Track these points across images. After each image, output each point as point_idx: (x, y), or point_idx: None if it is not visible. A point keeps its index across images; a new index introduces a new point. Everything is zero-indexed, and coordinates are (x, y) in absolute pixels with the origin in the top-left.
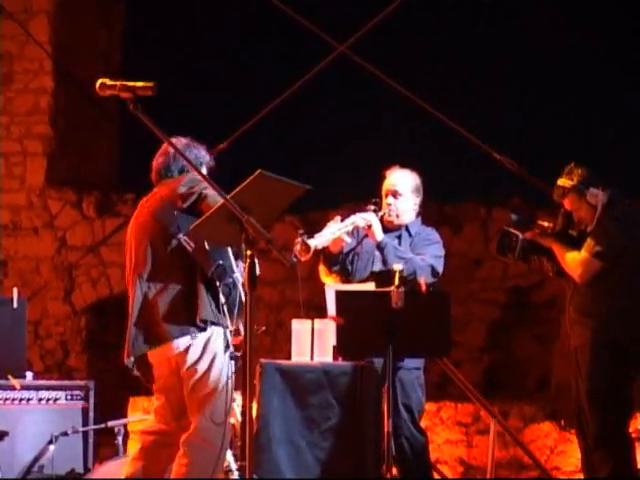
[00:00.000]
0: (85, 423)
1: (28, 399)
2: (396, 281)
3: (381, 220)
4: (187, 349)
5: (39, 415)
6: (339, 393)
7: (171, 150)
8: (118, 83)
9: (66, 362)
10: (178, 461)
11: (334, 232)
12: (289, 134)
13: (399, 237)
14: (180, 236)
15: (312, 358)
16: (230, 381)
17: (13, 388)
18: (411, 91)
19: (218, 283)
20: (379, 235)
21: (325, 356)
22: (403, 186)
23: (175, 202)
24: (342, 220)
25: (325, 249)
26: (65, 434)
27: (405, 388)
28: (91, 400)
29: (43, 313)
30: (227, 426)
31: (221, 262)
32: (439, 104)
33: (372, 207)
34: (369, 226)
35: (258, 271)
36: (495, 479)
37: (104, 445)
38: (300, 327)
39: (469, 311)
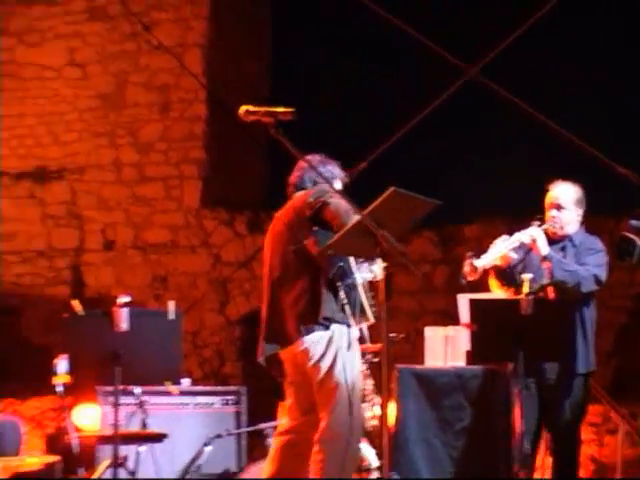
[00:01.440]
0: (238, 426)
1: (185, 404)
2: (525, 289)
3: (545, 232)
4: (311, 346)
5: (196, 419)
6: (471, 395)
7: (305, 165)
8: (261, 109)
9: (222, 370)
10: (314, 458)
11: (500, 250)
12: (423, 153)
13: (563, 248)
14: (306, 242)
15: (445, 363)
16: (357, 377)
17: (170, 394)
18: (538, 110)
19: (339, 284)
20: (544, 249)
21: (457, 361)
22: (566, 199)
23: (304, 211)
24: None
25: (495, 265)
26: (219, 436)
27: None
28: (243, 405)
29: (200, 324)
30: (356, 421)
31: (341, 264)
32: (566, 122)
33: (537, 222)
34: (534, 241)
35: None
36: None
37: (255, 447)
38: (433, 334)
39: (599, 317)
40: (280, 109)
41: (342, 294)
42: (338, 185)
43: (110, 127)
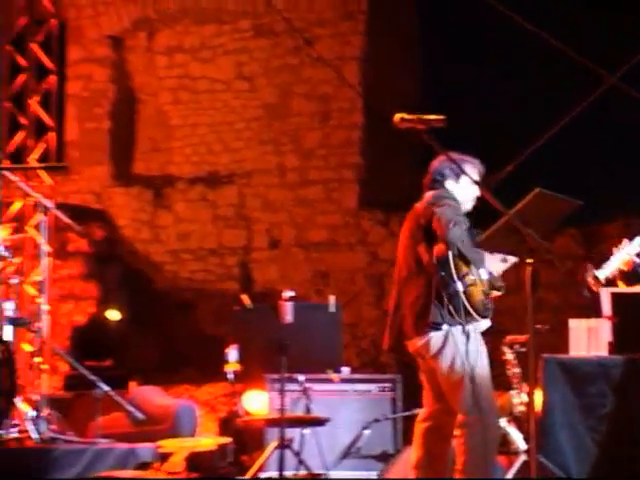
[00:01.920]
0: (394, 411)
1: (345, 390)
2: None
3: None
4: (429, 341)
5: (355, 404)
6: (613, 383)
7: (444, 158)
8: (414, 117)
9: (379, 359)
10: (457, 441)
11: (622, 257)
12: (566, 156)
13: None
14: (418, 249)
15: (588, 352)
16: (481, 367)
17: (332, 381)
18: None
19: (443, 292)
20: None
21: (600, 351)
22: None
23: (419, 219)
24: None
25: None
26: (377, 421)
27: None
28: (398, 391)
29: (358, 317)
30: (485, 403)
31: (442, 274)
32: None
33: None
34: None
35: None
36: None
37: (410, 430)
38: (576, 326)
39: None
40: (432, 116)
41: (446, 301)
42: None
43: (275, 135)
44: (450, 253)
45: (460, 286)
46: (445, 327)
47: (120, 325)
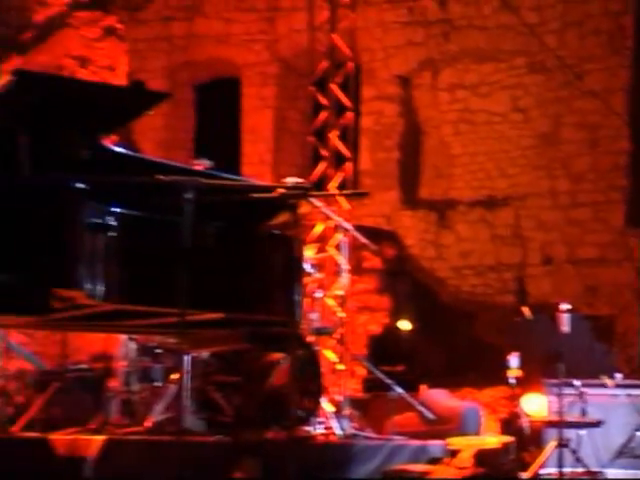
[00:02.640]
0: None
1: (618, 395)
2: None
3: None
4: None
5: (626, 408)
6: None
7: None
8: None
9: None
10: None
11: None
12: None
13: None
14: None
15: None
16: None
17: (605, 386)
18: None
19: None
20: None
21: None
22: None
23: None
24: None
25: None
26: None
27: None
28: None
29: (627, 327)
30: None
31: None
32: None
33: None
34: None
35: None
36: None
37: None
38: None
39: None
40: None
41: None
42: None
43: (547, 161)
44: None
45: None
46: None
47: (410, 334)
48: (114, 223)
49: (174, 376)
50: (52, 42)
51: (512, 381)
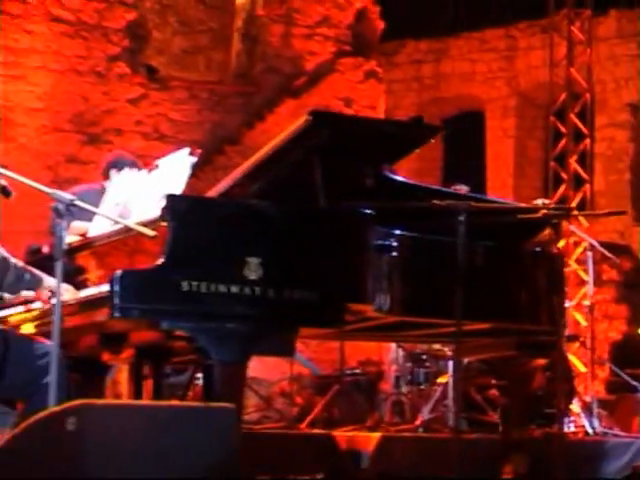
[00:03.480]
0: None
1: None
2: None
3: None
4: None
5: None
6: None
7: None
8: None
9: None
10: None
11: None
12: None
13: None
14: None
15: None
16: None
17: None
18: None
19: None
20: None
21: None
22: None
23: None
24: None
25: None
26: None
27: None
28: None
29: None
30: None
31: None
32: None
33: None
34: None
35: None
36: None
37: None
38: None
39: None
40: None
41: None
42: None
43: None
44: None
45: None
46: None
47: None
48: (395, 244)
49: (441, 379)
50: (322, 86)
51: None
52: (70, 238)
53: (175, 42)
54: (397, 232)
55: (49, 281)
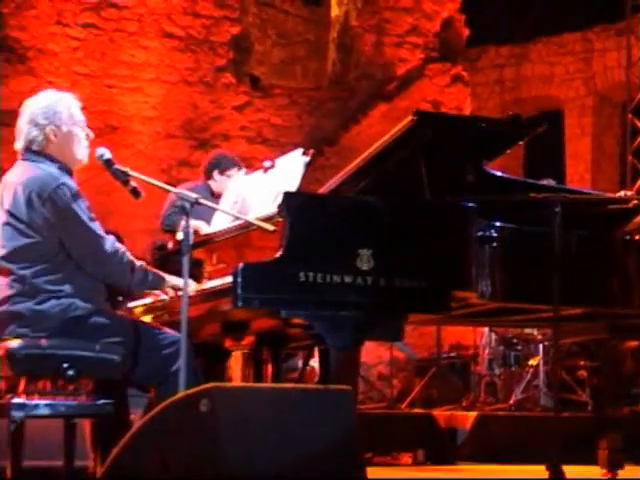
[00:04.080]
0: None
1: None
2: None
3: None
4: None
5: None
6: None
7: None
8: None
9: None
10: None
11: None
12: None
13: None
14: None
15: None
16: None
17: None
18: None
19: None
20: None
21: None
22: None
23: None
24: None
25: None
26: None
27: None
28: None
29: None
30: None
31: None
32: None
33: None
34: None
35: None
36: None
37: None
38: None
39: None
40: None
41: None
42: None
43: None
44: None
45: None
46: None
47: None
48: (496, 235)
49: (531, 362)
50: (411, 90)
51: None
52: (180, 235)
53: (274, 53)
54: (497, 224)
55: (171, 279)
